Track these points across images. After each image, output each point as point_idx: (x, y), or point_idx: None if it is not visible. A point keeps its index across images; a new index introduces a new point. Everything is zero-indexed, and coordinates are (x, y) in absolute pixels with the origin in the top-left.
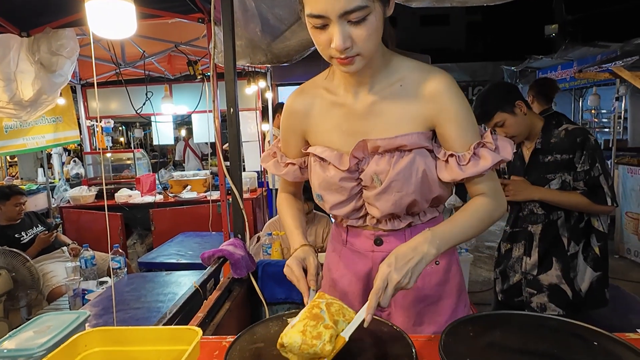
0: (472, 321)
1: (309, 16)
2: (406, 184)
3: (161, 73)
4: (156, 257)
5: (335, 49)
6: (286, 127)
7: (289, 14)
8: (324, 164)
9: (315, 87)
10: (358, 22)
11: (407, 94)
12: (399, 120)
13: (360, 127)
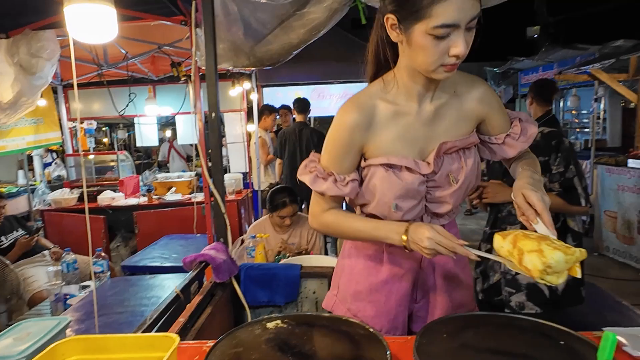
0: (446, 322)
1: (439, 27)
2: (474, 178)
3: (145, 74)
4: (140, 261)
5: (458, 55)
6: (345, 143)
7: (271, 18)
8: (397, 172)
9: (371, 99)
10: (470, 29)
11: (460, 99)
12: (457, 122)
13: (424, 132)
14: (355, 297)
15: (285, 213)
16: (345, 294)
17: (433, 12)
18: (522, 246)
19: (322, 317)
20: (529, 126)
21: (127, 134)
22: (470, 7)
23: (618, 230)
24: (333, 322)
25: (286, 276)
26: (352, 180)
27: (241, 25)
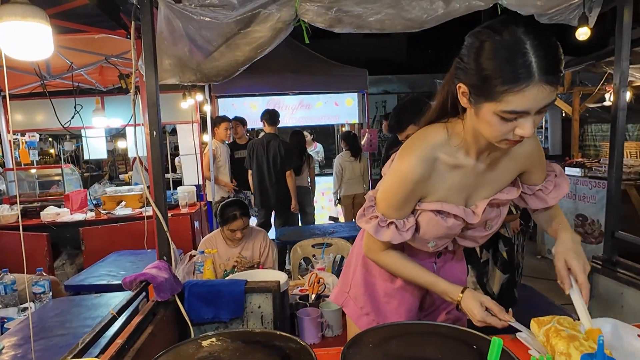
0: (373, 332)
1: (508, 112)
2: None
3: (92, 85)
4: (85, 279)
5: (522, 136)
6: (408, 193)
7: (217, 36)
8: (445, 217)
9: (433, 152)
10: (541, 112)
11: (510, 156)
12: (504, 173)
13: (475, 182)
14: (369, 297)
15: (236, 226)
16: (358, 293)
17: (505, 98)
18: (554, 344)
19: (255, 332)
20: (562, 183)
21: (74, 145)
22: (544, 97)
23: None
24: (266, 337)
25: (230, 292)
26: (411, 226)
27: (187, 42)
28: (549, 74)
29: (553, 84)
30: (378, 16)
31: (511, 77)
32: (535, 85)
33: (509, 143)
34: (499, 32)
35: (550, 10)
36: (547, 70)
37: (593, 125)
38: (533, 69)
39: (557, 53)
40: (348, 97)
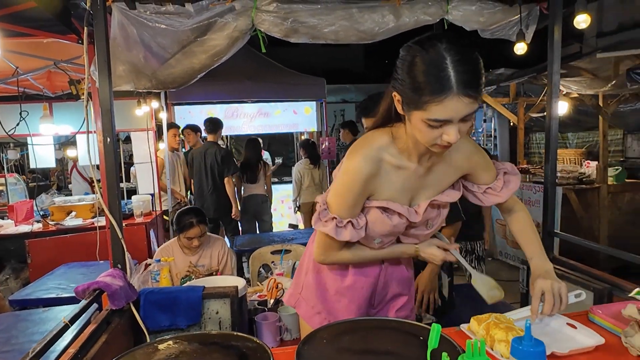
0: (326, 330)
1: (432, 120)
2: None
3: (39, 91)
4: (32, 293)
5: (448, 142)
6: (359, 192)
7: (172, 43)
8: (390, 215)
9: (380, 152)
10: (466, 120)
11: (450, 157)
12: (445, 175)
13: (417, 184)
14: (321, 297)
15: (193, 234)
16: (310, 294)
17: (429, 107)
18: (493, 334)
19: (212, 334)
20: (512, 179)
21: (19, 154)
22: (464, 108)
23: (508, 236)
24: (224, 338)
25: (188, 299)
26: (365, 224)
27: (141, 49)
28: (467, 87)
29: (471, 96)
30: (332, 27)
31: (433, 89)
32: (454, 97)
33: (439, 147)
34: (425, 48)
35: (491, 27)
36: (465, 84)
37: (537, 134)
38: (452, 82)
39: (477, 68)
40: (306, 105)
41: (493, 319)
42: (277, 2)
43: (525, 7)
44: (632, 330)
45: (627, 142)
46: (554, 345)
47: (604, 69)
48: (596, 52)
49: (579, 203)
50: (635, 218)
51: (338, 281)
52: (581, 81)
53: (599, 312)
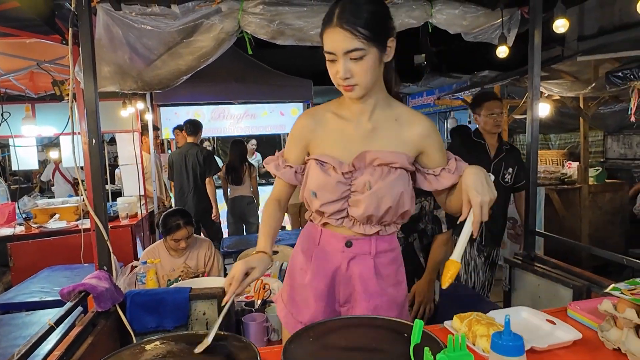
0: (313, 328)
1: (325, 52)
2: (389, 193)
3: (21, 91)
4: (15, 297)
5: (339, 78)
6: (293, 137)
7: (158, 44)
8: (325, 168)
9: (325, 110)
10: (356, 60)
11: (401, 127)
12: (388, 143)
13: (358, 144)
14: (289, 294)
15: (180, 236)
16: (284, 290)
17: (322, 39)
18: (475, 330)
19: (199, 334)
20: (461, 164)
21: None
22: (343, 40)
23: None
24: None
25: (174, 300)
26: (288, 166)
27: (127, 50)
28: (344, 22)
29: (348, 30)
30: (318, 30)
31: (323, 22)
32: (334, 29)
33: (344, 89)
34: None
35: (474, 30)
36: (343, 19)
37: (521, 135)
38: (334, 16)
39: (361, 9)
40: (293, 107)
41: (475, 316)
42: (263, 5)
43: (507, 12)
44: (608, 324)
45: (607, 144)
46: (534, 340)
47: (585, 71)
48: (577, 56)
49: (561, 203)
50: (615, 217)
51: (301, 277)
52: (562, 84)
53: (577, 308)
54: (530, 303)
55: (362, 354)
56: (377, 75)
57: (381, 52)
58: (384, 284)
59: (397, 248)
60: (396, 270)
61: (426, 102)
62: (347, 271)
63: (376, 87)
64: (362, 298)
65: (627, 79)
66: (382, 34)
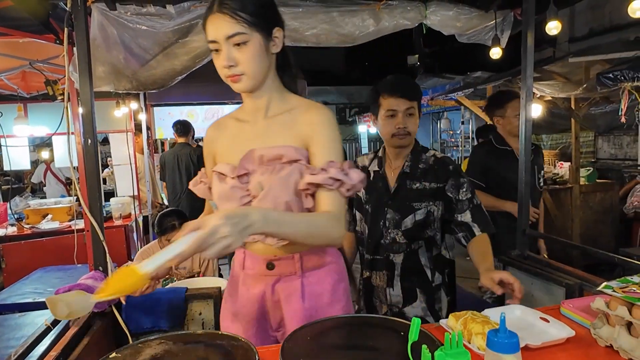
0: (311, 327)
1: (208, 42)
2: (283, 192)
3: (13, 91)
4: (7, 298)
5: (223, 66)
6: (205, 152)
7: (154, 44)
8: (222, 177)
9: (228, 118)
10: (239, 45)
11: (293, 120)
12: (282, 138)
13: (253, 144)
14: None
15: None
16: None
17: (205, 31)
18: (470, 328)
19: (197, 334)
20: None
21: None
22: (223, 26)
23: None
24: (208, 338)
25: (170, 300)
26: (201, 181)
27: (122, 49)
28: (224, 6)
29: (229, 15)
30: (314, 31)
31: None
32: (214, 15)
33: (230, 80)
34: None
35: (468, 31)
36: (222, 4)
37: None
38: (214, 4)
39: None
40: None
41: (470, 314)
42: None
43: (500, 13)
44: (600, 322)
45: (598, 144)
46: (528, 338)
47: (576, 73)
48: (568, 57)
49: (552, 203)
50: (605, 217)
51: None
52: (554, 85)
53: (570, 306)
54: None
55: (360, 352)
56: (266, 65)
57: (266, 40)
58: (316, 304)
59: (333, 262)
60: (332, 288)
61: None
62: (273, 295)
63: (269, 82)
64: (291, 325)
65: (617, 80)
66: (265, 20)
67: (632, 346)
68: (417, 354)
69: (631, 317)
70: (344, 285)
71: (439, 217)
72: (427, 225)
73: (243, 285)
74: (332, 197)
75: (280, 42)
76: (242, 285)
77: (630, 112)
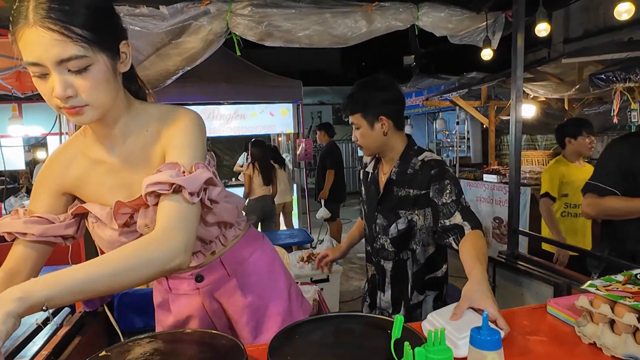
0: (300, 326)
1: (26, 64)
2: None
3: (8, 91)
4: None
5: (56, 97)
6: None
7: (147, 45)
8: (101, 224)
9: (68, 151)
10: (79, 72)
11: (152, 138)
12: (151, 165)
13: (125, 179)
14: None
15: None
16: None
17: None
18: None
19: (187, 332)
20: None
21: None
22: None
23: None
24: (198, 337)
25: None
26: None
27: None
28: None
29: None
30: (307, 32)
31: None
32: (31, 29)
33: (67, 112)
34: None
35: (459, 33)
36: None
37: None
38: (28, 11)
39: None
40: (283, 107)
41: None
42: (251, 6)
43: (492, 15)
44: (584, 320)
45: None
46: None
47: (569, 73)
48: (561, 58)
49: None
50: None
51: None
52: (548, 85)
53: (556, 305)
54: (513, 300)
55: (348, 349)
56: (115, 90)
57: (113, 60)
58: (258, 292)
59: (255, 244)
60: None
61: (415, 103)
62: (211, 303)
63: (118, 104)
64: (242, 325)
65: (610, 81)
66: (111, 35)
67: (615, 343)
68: (400, 351)
69: (614, 314)
70: (277, 261)
71: (423, 228)
72: (412, 236)
73: (175, 304)
74: (168, 206)
75: (128, 57)
76: (173, 304)
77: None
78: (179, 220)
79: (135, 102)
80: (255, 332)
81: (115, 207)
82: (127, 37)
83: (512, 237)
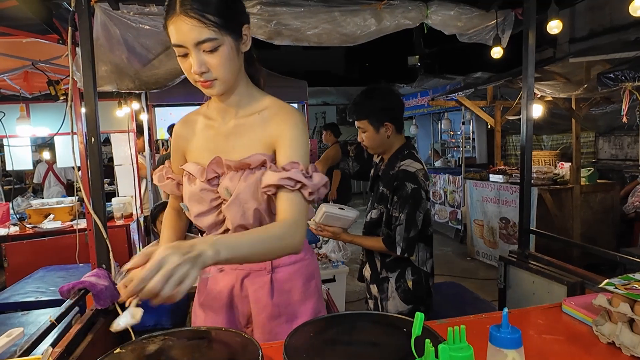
0: (313, 324)
1: (173, 46)
2: (252, 198)
3: (16, 91)
4: (9, 297)
5: (194, 73)
6: (173, 148)
7: (156, 44)
8: (192, 178)
9: (196, 115)
10: (211, 52)
11: (263, 122)
12: (252, 142)
13: (222, 146)
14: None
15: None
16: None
17: (168, 32)
18: None
19: (201, 330)
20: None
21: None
22: (189, 30)
23: (485, 236)
24: (212, 334)
25: None
26: (170, 177)
27: (124, 49)
28: (188, 8)
29: (196, 19)
30: (316, 30)
31: (166, 12)
32: (177, 17)
33: (202, 85)
34: None
35: (469, 31)
36: (185, 4)
37: (514, 136)
38: (176, 3)
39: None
40: None
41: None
42: (261, 5)
43: (501, 13)
44: (602, 319)
45: (599, 144)
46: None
47: (576, 73)
48: (569, 57)
49: (553, 203)
50: (606, 217)
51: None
52: (555, 85)
53: (572, 304)
54: (525, 300)
55: (363, 347)
56: (237, 67)
57: (237, 42)
58: (286, 301)
59: (304, 259)
60: (303, 285)
61: (420, 103)
62: (241, 290)
63: (238, 81)
64: (258, 323)
65: (618, 80)
66: (235, 20)
67: (634, 343)
68: (421, 348)
69: (633, 313)
70: (315, 282)
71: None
72: (378, 225)
73: (212, 278)
74: (291, 200)
75: (249, 39)
76: (211, 279)
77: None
78: (301, 215)
79: (252, 88)
80: (268, 337)
81: (213, 161)
82: (249, 22)
83: (524, 236)
